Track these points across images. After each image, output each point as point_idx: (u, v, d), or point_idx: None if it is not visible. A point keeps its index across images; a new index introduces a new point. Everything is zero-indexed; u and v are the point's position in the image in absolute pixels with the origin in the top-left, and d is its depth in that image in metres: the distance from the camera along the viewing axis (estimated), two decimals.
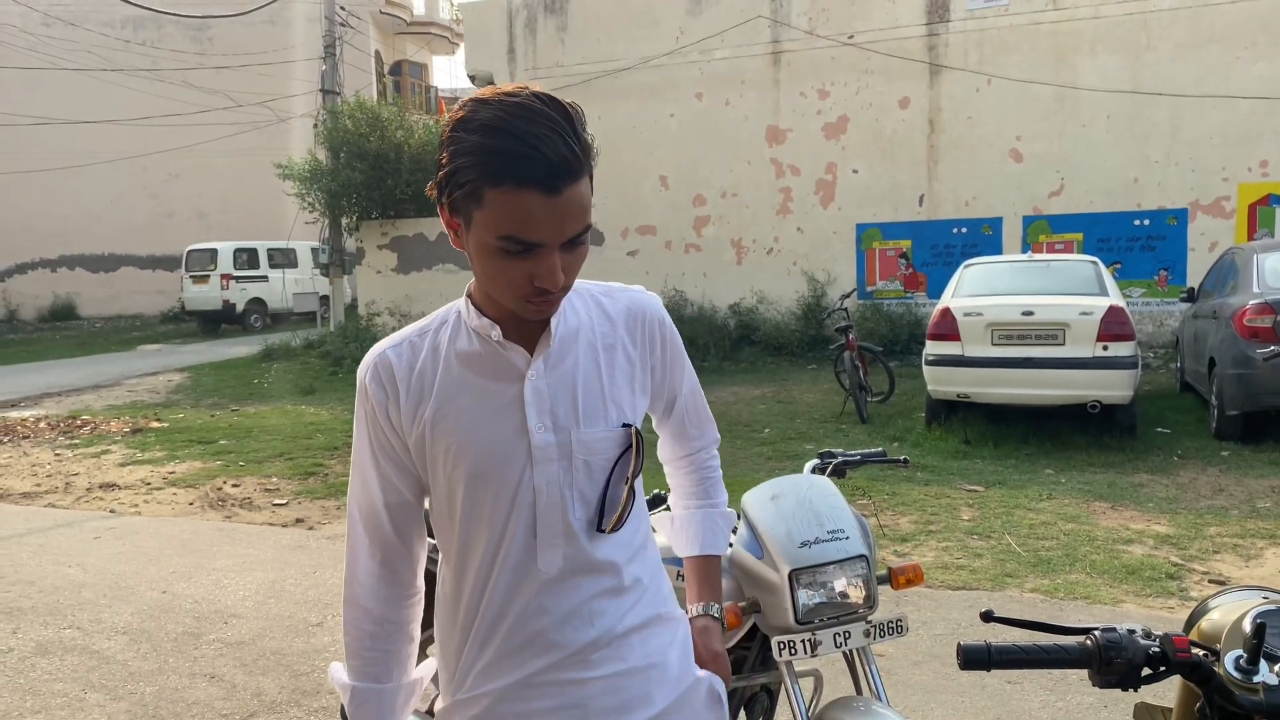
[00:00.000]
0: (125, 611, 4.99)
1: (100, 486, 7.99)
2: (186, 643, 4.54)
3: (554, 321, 1.41)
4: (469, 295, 1.44)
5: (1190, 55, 12.70)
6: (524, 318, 1.37)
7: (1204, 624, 1.35)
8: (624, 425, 1.44)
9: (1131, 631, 1.28)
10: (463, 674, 1.45)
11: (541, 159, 1.21)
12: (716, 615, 1.65)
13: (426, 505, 1.51)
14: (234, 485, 7.86)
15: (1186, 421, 8.79)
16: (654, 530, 1.77)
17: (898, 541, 5.65)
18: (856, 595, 2.08)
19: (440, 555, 1.51)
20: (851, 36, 14.36)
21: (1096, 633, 1.28)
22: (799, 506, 2.15)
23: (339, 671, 1.54)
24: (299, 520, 6.79)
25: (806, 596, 2.05)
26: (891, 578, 2.20)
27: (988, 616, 1.36)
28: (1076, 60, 13.24)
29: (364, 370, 1.46)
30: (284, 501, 7.32)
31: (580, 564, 1.41)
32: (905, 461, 2.77)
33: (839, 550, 2.07)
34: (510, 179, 1.22)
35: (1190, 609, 1.46)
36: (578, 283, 1.47)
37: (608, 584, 1.43)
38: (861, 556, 2.08)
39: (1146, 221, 13.10)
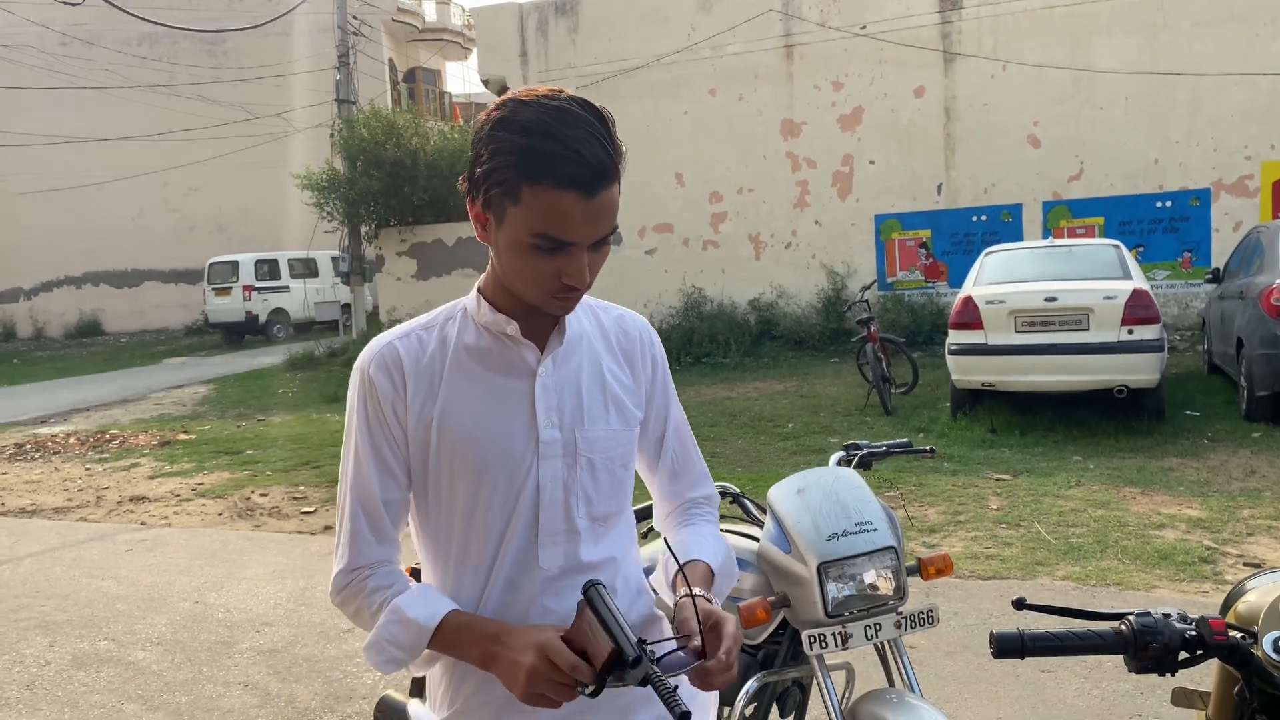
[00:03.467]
0: (159, 622, 5.03)
1: (130, 499, 8.07)
2: (220, 652, 4.58)
3: (567, 320, 1.42)
4: (479, 290, 1.44)
5: (1208, 33, 12.55)
6: (545, 312, 1.38)
7: (1240, 606, 1.33)
8: (625, 425, 1.46)
9: (1167, 615, 1.26)
10: (456, 684, 1.41)
11: (581, 162, 1.24)
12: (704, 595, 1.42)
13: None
14: (262, 495, 7.92)
15: (1216, 404, 8.69)
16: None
17: (926, 532, 5.62)
18: (886, 587, 2.07)
19: (426, 560, 1.45)
20: (864, 27, 14.28)
21: (1131, 617, 1.27)
22: (825, 499, 2.14)
23: (391, 637, 1.35)
24: (327, 527, 6.82)
25: (836, 589, 2.04)
26: (921, 568, 2.18)
27: (1020, 604, 1.35)
28: (1092, 42, 13.10)
29: (368, 360, 1.39)
30: (312, 509, 7.36)
31: (580, 562, 1.40)
32: (931, 452, 2.76)
33: (867, 542, 2.06)
34: (550, 179, 1.24)
35: (1225, 593, 1.44)
36: None
37: (606, 582, 1.40)
38: (890, 548, 2.07)
39: (1169, 203, 12.96)
